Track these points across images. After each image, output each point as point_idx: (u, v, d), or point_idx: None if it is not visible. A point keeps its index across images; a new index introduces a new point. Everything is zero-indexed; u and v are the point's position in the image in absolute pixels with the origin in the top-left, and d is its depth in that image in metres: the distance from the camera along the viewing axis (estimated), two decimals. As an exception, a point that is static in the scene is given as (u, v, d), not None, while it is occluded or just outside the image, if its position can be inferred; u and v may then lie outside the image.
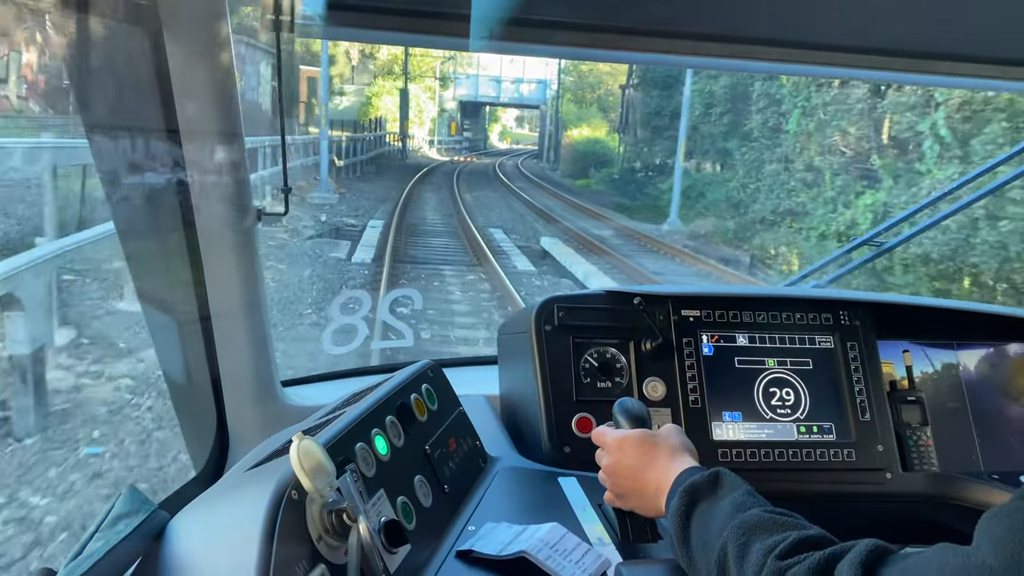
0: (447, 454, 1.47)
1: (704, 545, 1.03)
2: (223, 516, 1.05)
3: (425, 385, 1.55)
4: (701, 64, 1.42)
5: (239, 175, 1.52)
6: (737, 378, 1.69)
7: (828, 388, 1.70)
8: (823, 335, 1.74)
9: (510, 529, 1.29)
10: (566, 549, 1.22)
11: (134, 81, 1.41)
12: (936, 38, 1.38)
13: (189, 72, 1.38)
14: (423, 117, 49.25)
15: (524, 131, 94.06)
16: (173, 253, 1.56)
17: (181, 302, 1.61)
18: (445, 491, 1.38)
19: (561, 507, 1.42)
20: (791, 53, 1.48)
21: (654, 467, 1.21)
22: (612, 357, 1.69)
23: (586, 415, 1.63)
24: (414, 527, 1.23)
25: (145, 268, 1.68)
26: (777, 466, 1.62)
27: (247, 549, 0.94)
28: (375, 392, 1.42)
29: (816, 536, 0.94)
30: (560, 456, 1.60)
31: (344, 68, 39.31)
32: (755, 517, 1.00)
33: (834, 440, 1.66)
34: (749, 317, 1.73)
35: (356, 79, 41.63)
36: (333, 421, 1.25)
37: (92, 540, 1.04)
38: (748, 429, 1.65)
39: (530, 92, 57.86)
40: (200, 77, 1.39)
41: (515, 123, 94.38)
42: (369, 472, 1.19)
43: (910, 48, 1.42)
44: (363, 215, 16.51)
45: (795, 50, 1.47)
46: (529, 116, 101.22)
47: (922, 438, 1.68)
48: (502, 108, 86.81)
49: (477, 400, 1.86)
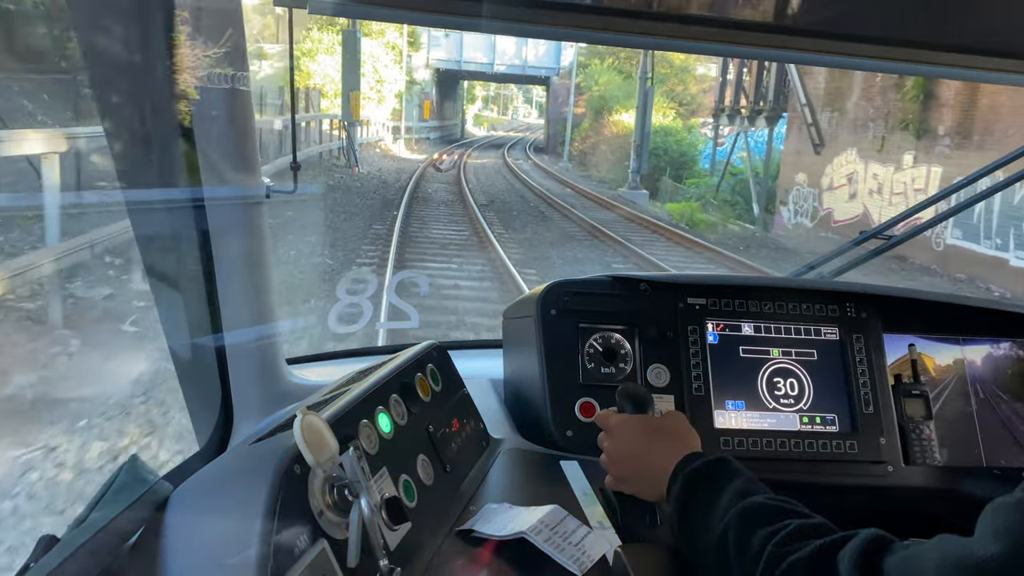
0: (450, 434, 1.47)
1: (705, 531, 1.04)
2: (226, 488, 1.05)
3: (429, 365, 1.55)
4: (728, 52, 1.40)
5: (248, 151, 1.52)
6: (741, 367, 1.69)
7: (832, 379, 1.70)
8: (829, 326, 1.73)
9: (511, 510, 1.30)
10: (566, 531, 1.23)
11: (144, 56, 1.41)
12: (950, 29, 1.36)
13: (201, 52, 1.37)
14: (383, 91, 30.94)
15: (492, 114, 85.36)
16: (181, 229, 1.56)
17: (188, 278, 1.61)
18: (447, 471, 1.39)
19: (562, 490, 1.42)
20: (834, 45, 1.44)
21: (656, 452, 1.21)
22: (617, 343, 1.69)
23: (589, 400, 1.63)
24: (415, 505, 1.23)
25: (153, 244, 1.68)
26: (779, 456, 1.62)
27: (249, 522, 0.95)
28: (379, 371, 1.42)
29: (817, 524, 0.94)
30: (563, 440, 1.60)
31: (268, 18, 21.65)
32: (756, 504, 1.00)
33: (837, 431, 1.66)
34: (755, 307, 1.73)
35: (283, 36, 23.08)
36: (337, 398, 1.26)
37: (95, 509, 1.05)
38: (751, 418, 1.65)
39: (538, 58, 43.09)
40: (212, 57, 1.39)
41: (481, 103, 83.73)
42: (372, 449, 1.20)
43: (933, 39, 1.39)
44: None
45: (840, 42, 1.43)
46: (494, 95, 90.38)
47: (925, 432, 1.68)
48: (481, 83, 71.99)
49: (481, 383, 1.86)
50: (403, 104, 33.34)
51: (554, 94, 45.66)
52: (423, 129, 39.63)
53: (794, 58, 1.47)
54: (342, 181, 17.87)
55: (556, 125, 43.19)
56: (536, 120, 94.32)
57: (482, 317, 8.01)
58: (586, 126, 36.39)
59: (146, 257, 1.70)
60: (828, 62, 1.46)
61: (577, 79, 39.67)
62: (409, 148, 32.99)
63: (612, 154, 28.91)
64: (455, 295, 8.89)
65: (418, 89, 38.91)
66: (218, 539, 0.99)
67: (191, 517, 1.05)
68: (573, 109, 37.85)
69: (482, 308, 8.39)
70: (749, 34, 1.34)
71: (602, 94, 35.39)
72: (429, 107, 40.36)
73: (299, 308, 7.49)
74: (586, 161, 33.85)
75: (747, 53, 1.39)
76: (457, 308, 8.30)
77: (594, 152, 33.22)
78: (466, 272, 10.23)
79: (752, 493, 1.03)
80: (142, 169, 1.53)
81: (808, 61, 1.54)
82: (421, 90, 39.67)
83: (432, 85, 42.86)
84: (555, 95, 45.26)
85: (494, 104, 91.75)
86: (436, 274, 9.82)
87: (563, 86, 43.05)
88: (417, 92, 38.32)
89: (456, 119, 55.97)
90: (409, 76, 35.39)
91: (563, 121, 39.77)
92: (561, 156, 37.19)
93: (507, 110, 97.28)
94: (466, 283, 9.60)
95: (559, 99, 44.00)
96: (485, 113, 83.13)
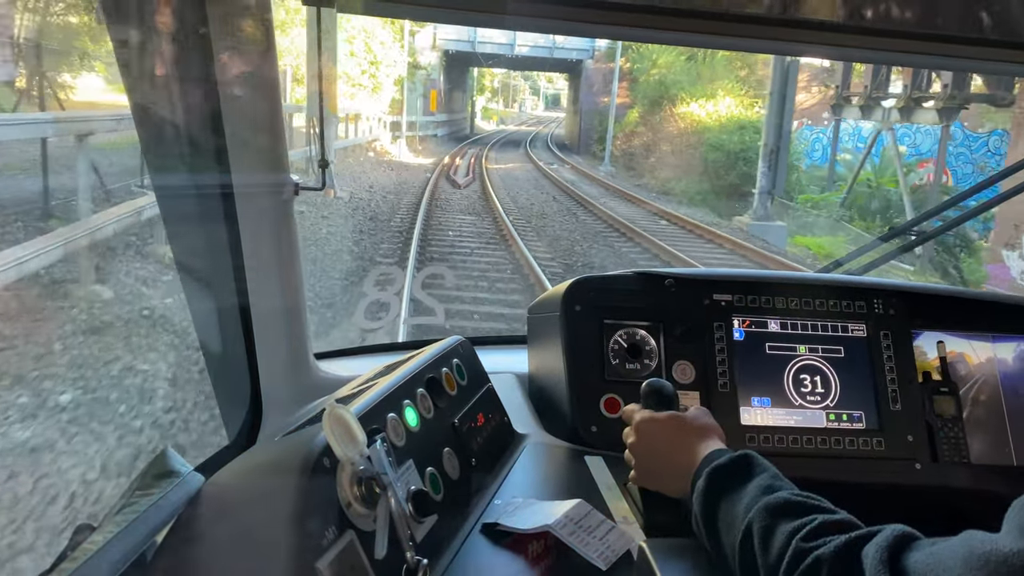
0: (475, 429, 1.48)
1: (729, 526, 1.04)
2: (255, 480, 1.07)
3: (455, 360, 1.57)
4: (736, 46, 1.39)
5: (277, 148, 1.54)
6: (767, 364, 1.68)
7: (859, 376, 1.69)
8: (856, 323, 1.72)
9: (536, 504, 1.31)
10: (590, 526, 1.24)
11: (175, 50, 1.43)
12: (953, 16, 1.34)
13: (231, 45, 1.39)
14: (378, 77, 24.87)
15: (498, 106, 79.33)
16: (212, 225, 1.58)
17: (219, 273, 1.64)
18: (472, 464, 1.40)
19: (587, 485, 1.43)
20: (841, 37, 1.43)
21: (681, 448, 1.22)
22: (641, 339, 1.69)
23: (614, 396, 1.64)
24: (441, 498, 1.24)
25: (184, 239, 1.71)
26: (805, 452, 1.62)
27: (278, 514, 0.96)
28: (406, 365, 1.44)
29: (842, 520, 0.94)
30: (587, 435, 1.61)
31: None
32: (781, 499, 1.00)
33: (864, 428, 1.65)
34: (781, 303, 1.72)
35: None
36: (365, 392, 1.27)
37: (129, 499, 1.07)
38: (777, 415, 1.64)
39: (568, 39, 33.30)
40: (242, 50, 1.41)
41: (488, 94, 75.27)
42: (399, 442, 1.21)
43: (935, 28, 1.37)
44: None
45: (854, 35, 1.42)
46: (500, 86, 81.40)
47: (954, 429, 1.66)
48: (491, 71, 61.23)
49: (506, 378, 1.87)
50: (404, 93, 26.53)
51: (587, 81, 37.41)
52: (428, 124, 33.02)
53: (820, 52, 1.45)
54: (304, 219, 10.18)
55: (590, 118, 35.66)
56: (544, 113, 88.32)
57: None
58: (633, 119, 28.54)
59: (177, 253, 1.73)
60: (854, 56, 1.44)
61: (622, 61, 31.14)
62: (413, 149, 26.40)
63: (677, 157, 21.40)
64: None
65: (423, 75, 32.26)
66: (248, 530, 1.01)
67: (222, 508, 1.07)
68: (615, 98, 29.37)
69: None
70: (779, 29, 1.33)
71: (661, 79, 26.99)
72: (436, 97, 33.28)
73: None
74: (635, 165, 25.88)
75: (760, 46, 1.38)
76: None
77: (648, 154, 25.60)
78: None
79: (777, 489, 1.03)
80: (172, 166, 1.55)
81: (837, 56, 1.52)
82: (427, 76, 33.01)
83: (440, 71, 35.63)
84: (588, 82, 37.14)
85: (500, 96, 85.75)
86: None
87: (598, 71, 36.18)
88: (422, 79, 31.68)
89: (465, 112, 48.95)
90: (412, 59, 29.23)
91: (599, 114, 32.73)
92: (598, 157, 29.93)
93: (513, 102, 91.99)
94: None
95: (593, 87, 36.15)
96: (491, 105, 76.30)
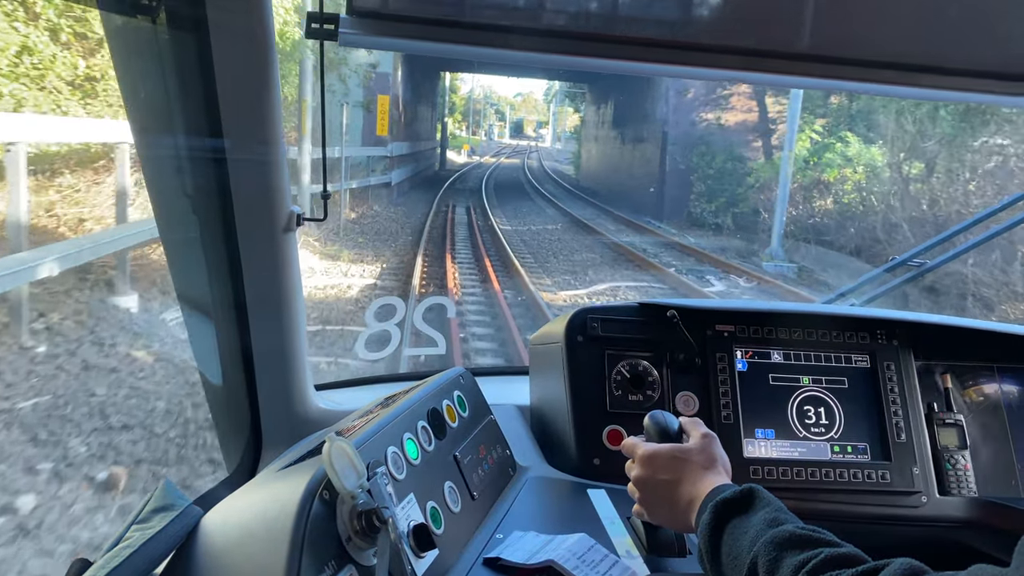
0: (477, 461, 1.47)
1: (734, 560, 1.02)
2: (255, 513, 1.06)
3: (457, 392, 1.56)
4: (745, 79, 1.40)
5: (278, 180, 1.55)
6: (771, 395, 1.67)
7: (863, 408, 1.68)
8: (859, 354, 1.71)
9: (538, 538, 1.29)
10: (594, 560, 1.22)
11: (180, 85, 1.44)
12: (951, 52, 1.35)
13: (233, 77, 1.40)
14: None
15: (462, 132, 67.50)
16: (213, 256, 1.59)
17: (220, 305, 1.64)
18: (474, 498, 1.39)
19: (590, 518, 1.41)
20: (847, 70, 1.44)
21: (685, 482, 1.20)
22: (644, 370, 1.68)
23: (617, 427, 1.63)
24: (442, 532, 1.23)
25: (185, 271, 1.71)
26: (810, 485, 1.60)
27: (277, 547, 0.95)
28: (407, 397, 1.43)
29: (848, 553, 0.93)
30: (589, 467, 1.59)
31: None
32: (786, 533, 0.98)
33: (868, 461, 1.63)
34: (784, 334, 1.72)
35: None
36: (365, 424, 1.27)
37: (127, 532, 1.06)
38: (781, 447, 1.63)
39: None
40: (244, 83, 1.42)
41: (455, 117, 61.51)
42: (400, 475, 1.20)
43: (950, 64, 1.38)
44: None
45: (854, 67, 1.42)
46: (462, 109, 67.27)
47: (960, 462, 1.65)
48: (455, 83, 47.34)
49: (508, 409, 1.86)
50: (308, 113, 12.10)
51: (664, 96, 21.55)
52: (374, 162, 18.90)
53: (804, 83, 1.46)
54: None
55: (675, 154, 20.36)
56: (511, 140, 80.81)
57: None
58: (830, 161, 15.32)
59: (179, 285, 1.73)
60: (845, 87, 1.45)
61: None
62: (322, 251, 11.68)
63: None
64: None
65: (361, 68, 17.97)
66: (247, 565, 1.00)
67: (220, 543, 1.06)
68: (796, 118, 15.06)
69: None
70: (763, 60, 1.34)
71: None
72: (386, 112, 18.67)
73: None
74: (833, 260, 13.47)
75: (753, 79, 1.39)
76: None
77: (878, 232, 13.13)
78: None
79: (782, 523, 1.02)
80: (175, 199, 1.56)
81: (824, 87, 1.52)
82: (369, 72, 18.93)
83: (395, 70, 20.93)
84: (662, 92, 21.63)
85: (464, 121, 72.36)
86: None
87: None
88: (361, 75, 18.11)
89: (433, 139, 33.79)
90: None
91: (699, 143, 19.42)
92: (710, 227, 17.53)
93: (478, 128, 78.26)
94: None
95: (685, 96, 21.13)
96: (456, 131, 64.30)
